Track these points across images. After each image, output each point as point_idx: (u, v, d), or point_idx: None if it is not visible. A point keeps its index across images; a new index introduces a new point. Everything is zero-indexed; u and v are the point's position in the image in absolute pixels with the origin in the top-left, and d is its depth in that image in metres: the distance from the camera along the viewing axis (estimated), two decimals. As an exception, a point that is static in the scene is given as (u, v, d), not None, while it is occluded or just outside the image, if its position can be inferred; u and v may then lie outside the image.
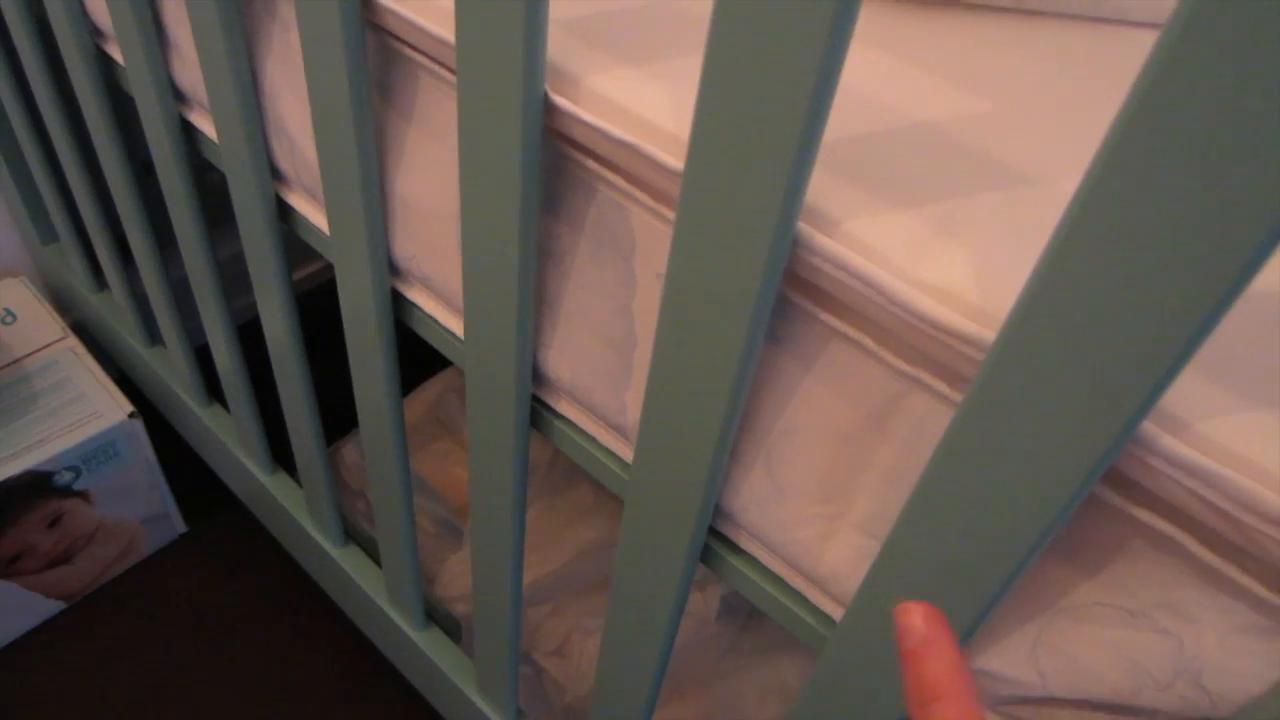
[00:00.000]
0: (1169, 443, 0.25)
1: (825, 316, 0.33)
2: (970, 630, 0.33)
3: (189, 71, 0.59)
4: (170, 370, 0.98)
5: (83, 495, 0.95)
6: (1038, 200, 0.32)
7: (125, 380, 1.13)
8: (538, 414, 0.49)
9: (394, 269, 0.52)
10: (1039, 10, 0.41)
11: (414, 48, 0.42)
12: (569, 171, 0.39)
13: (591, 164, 0.38)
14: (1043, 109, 0.37)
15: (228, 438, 0.93)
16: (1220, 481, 0.25)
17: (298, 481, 0.88)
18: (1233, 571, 0.28)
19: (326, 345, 0.94)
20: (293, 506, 0.88)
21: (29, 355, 0.99)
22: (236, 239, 0.64)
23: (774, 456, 0.38)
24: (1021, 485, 0.28)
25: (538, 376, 0.47)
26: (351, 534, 0.88)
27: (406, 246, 0.49)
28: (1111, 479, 0.29)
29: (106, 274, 0.96)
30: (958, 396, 0.31)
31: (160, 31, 0.59)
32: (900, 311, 0.29)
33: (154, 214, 0.81)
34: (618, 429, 0.45)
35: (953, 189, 0.32)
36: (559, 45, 0.37)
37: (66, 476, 0.92)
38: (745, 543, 0.43)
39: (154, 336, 1.00)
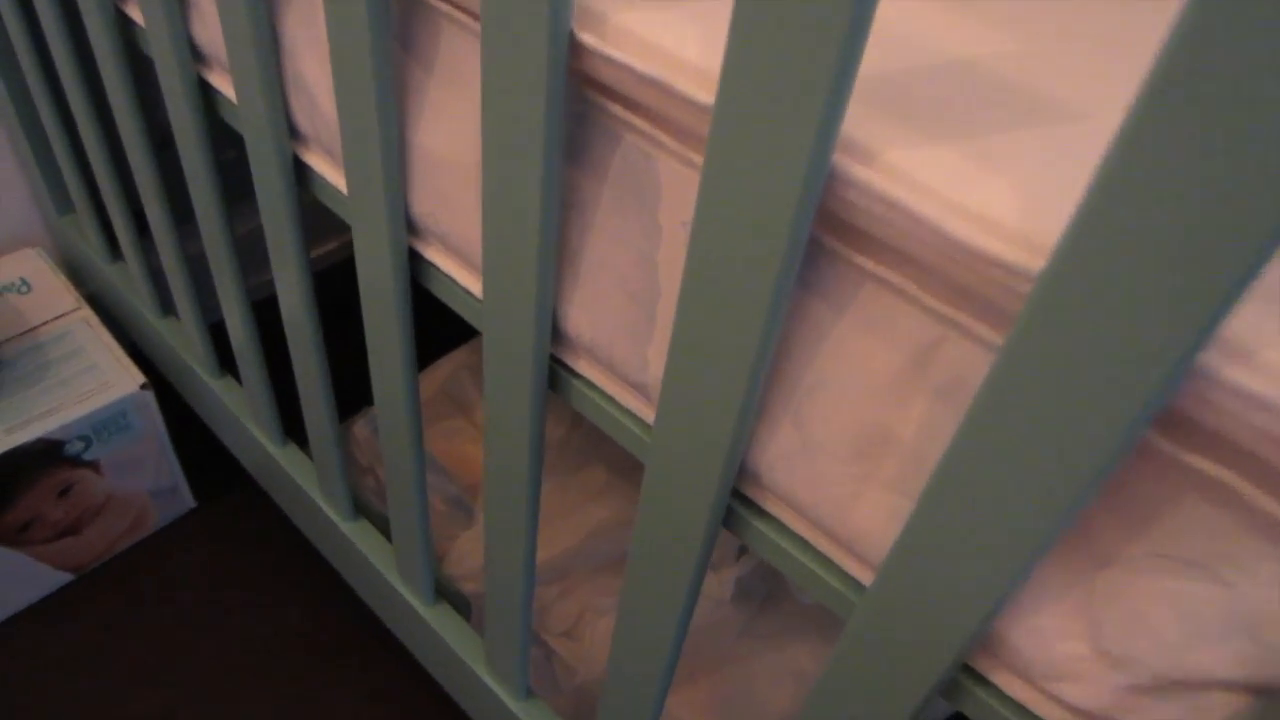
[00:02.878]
0: (1234, 373, 0.24)
1: (860, 259, 0.32)
2: (1010, 587, 0.32)
3: (208, 29, 0.58)
4: (183, 341, 0.97)
5: (93, 466, 0.95)
6: (1082, 134, 0.31)
7: (138, 353, 1.13)
8: (556, 374, 0.48)
9: (412, 227, 0.51)
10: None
11: (437, -9, 0.41)
12: (593, 119, 0.38)
13: (617, 109, 0.37)
14: (1082, 48, 0.36)
15: (239, 409, 0.92)
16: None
17: (309, 454, 0.87)
18: (1289, 521, 0.27)
19: (342, 322, 0.93)
20: (303, 479, 0.87)
21: (42, 325, 0.98)
22: (254, 215, 0.63)
23: (803, 411, 0.37)
24: (1070, 428, 0.27)
25: (557, 334, 0.46)
26: (361, 509, 0.87)
27: (425, 201, 0.48)
28: (1167, 423, 0.28)
29: (122, 246, 0.96)
30: (999, 340, 0.30)
31: None
32: (944, 244, 0.28)
33: (172, 187, 0.81)
34: (638, 387, 0.44)
35: (994, 123, 0.31)
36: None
37: (77, 446, 0.92)
38: (770, 505, 0.42)
39: (168, 307, 0.99)
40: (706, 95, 0.31)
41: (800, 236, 0.31)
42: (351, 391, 0.93)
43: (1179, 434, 0.28)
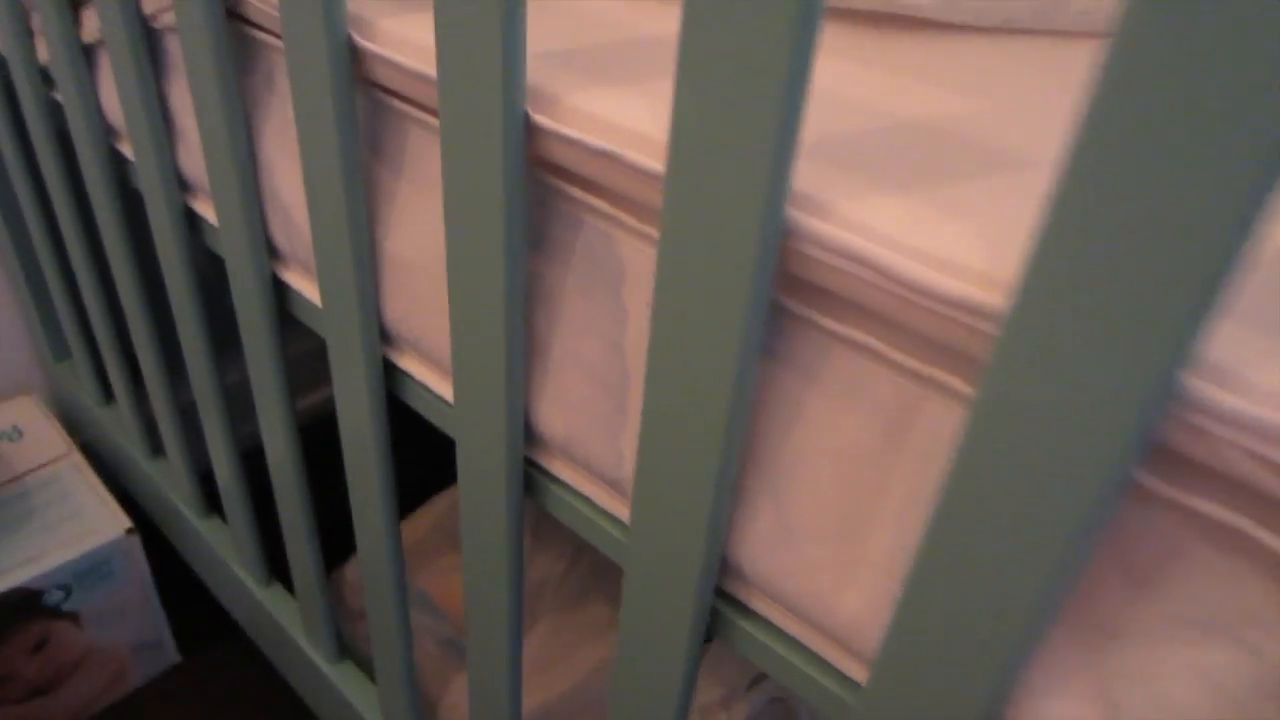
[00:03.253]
0: (1218, 395, 0.22)
1: (826, 322, 0.31)
2: (1019, 660, 0.29)
3: (193, 158, 0.60)
4: (172, 482, 0.95)
5: (72, 617, 0.91)
6: (1036, 180, 0.30)
7: (127, 498, 1.11)
8: (532, 479, 0.46)
9: (386, 336, 0.51)
10: (1024, 28, 0.41)
11: (400, 96, 0.42)
12: (553, 205, 0.38)
13: (576, 191, 0.36)
14: (1031, 105, 0.36)
15: (225, 550, 0.89)
16: (1280, 441, 0.22)
17: (294, 595, 0.84)
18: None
19: (332, 472, 0.92)
20: (288, 621, 0.83)
21: (30, 472, 0.97)
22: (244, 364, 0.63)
23: (781, 489, 0.35)
24: (1055, 471, 0.25)
25: (531, 434, 0.44)
26: (348, 653, 0.83)
27: (398, 306, 0.48)
28: (1164, 465, 0.26)
29: (115, 390, 0.96)
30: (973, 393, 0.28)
31: (168, 124, 0.60)
32: (906, 290, 0.27)
33: (165, 334, 0.82)
34: (615, 484, 0.42)
35: (947, 174, 0.30)
36: (536, 70, 0.37)
37: (57, 595, 0.89)
38: (756, 602, 0.39)
39: (158, 449, 0.98)
40: (658, 163, 0.31)
41: (762, 293, 0.30)
42: (344, 535, 0.91)
43: (1178, 476, 0.26)
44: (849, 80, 0.37)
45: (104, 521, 0.92)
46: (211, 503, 0.92)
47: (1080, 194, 0.22)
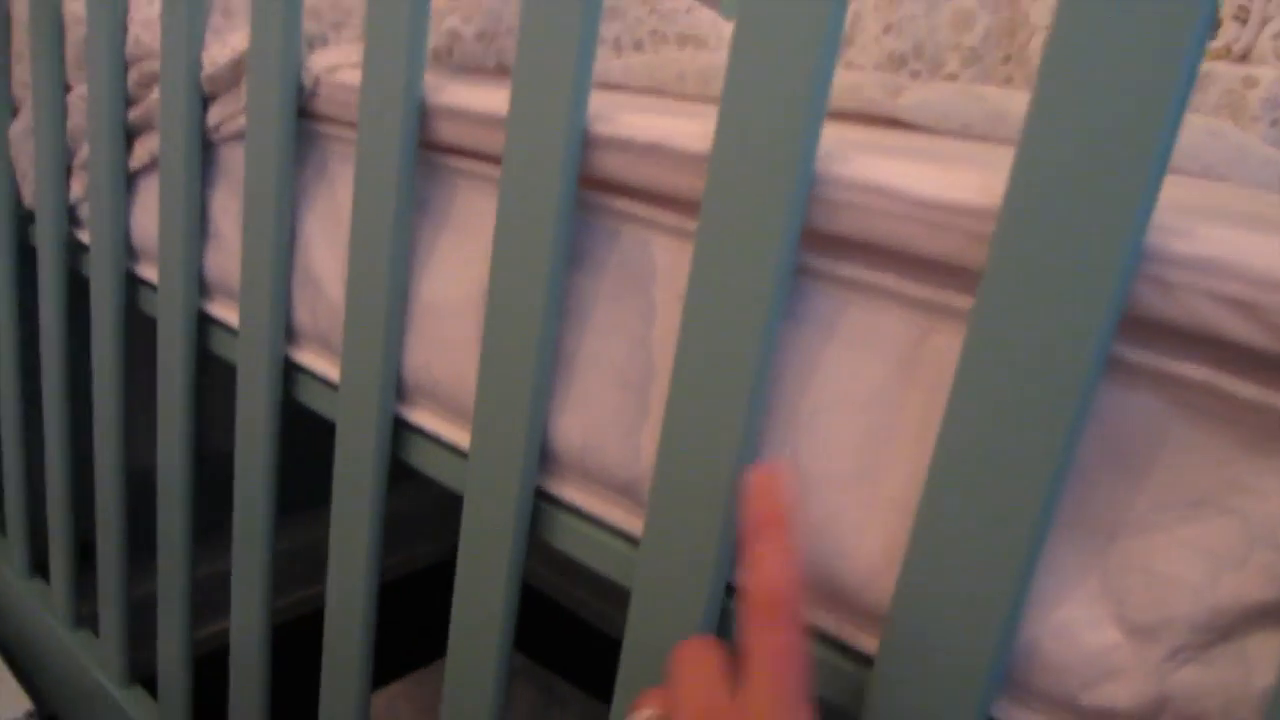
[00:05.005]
0: (1175, 243, 0.28)
1: (843, 269, 0.36)
2: (1031, 561, 0.32)
3: (223, 260, 0.65)
4: (93, 656, 0.89)
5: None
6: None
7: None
8: (541, 511, 0.48)
9: (401, 394, 0.54)
10: (978, 134, 0.50)
11: (457, 151, 0.49)
12: (592, 222, 0.44)
13: (618, 203, 0.43)
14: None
15: (146, 721, 0.82)
16: (1240, 268, 0.27)
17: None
18: (1276, 400, 0.29)
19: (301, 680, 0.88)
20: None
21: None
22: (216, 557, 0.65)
23: (801, 443, 0.38)
24: (1051, 346, 0.30)
25: (545, 453, 0.47)
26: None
27: (421, 353, 0.51)
28: (1136, 336, 0.30)
29: (52, 563, 0.92)
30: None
31: (204, 231, 0.66)
32: (921, 210, 0.32)
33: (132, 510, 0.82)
34: (627, 488, 0.44)
35: (940, 159, 0.37)
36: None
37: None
38: (767, 594, 0.40)
39: (80, 620, 0.92)
40: (703, 145, 0.38)
41: (792, 242, 0.35)
42: None
43: (1151, 343, 0.30)
44: (848, 134, 0.45)
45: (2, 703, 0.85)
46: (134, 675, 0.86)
47: (1049, 114, 0.29)
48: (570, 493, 0.47)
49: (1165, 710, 0.32)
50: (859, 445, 0.37)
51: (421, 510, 1.33)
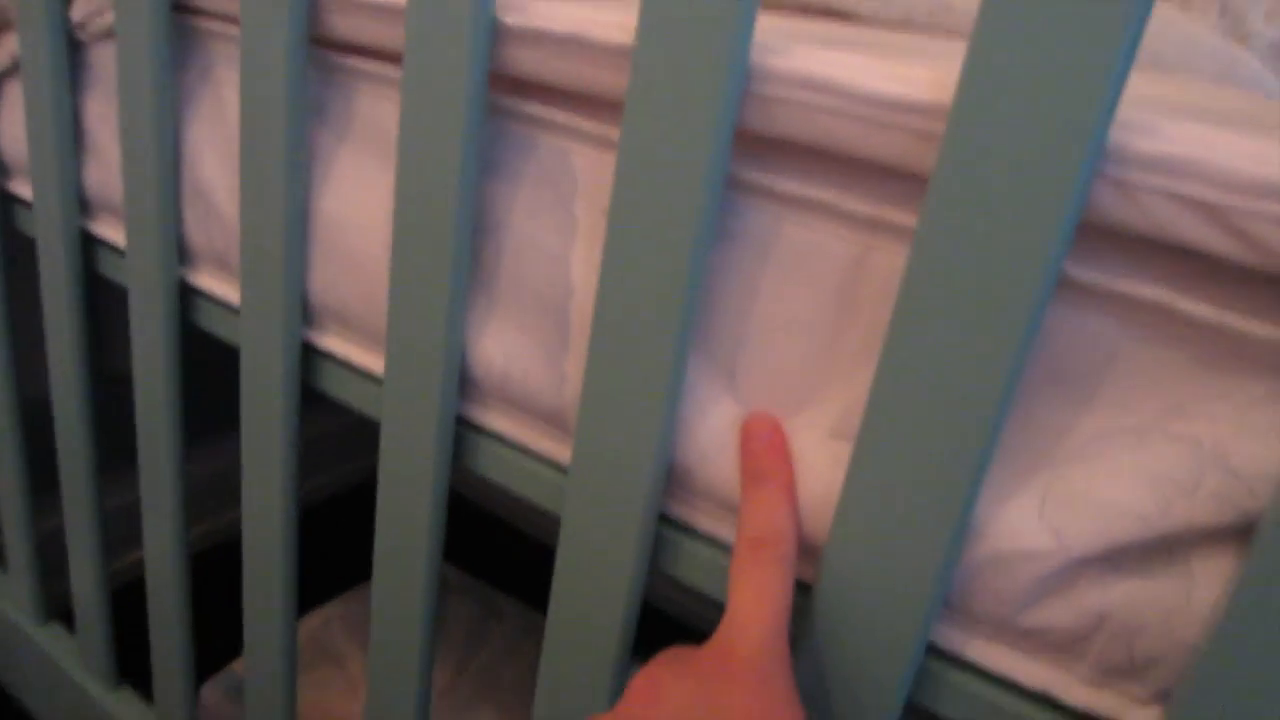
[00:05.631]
0: (1145, 143, 0.26)
1: (780, 184, 0.33)
2: (974, 489, 0.30)
3: (103, 173, 0.59)
4: (3, 592, 0.85)
5: None
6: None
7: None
8: (464, 439, 0.45)
9: (307, 317, 0.50)
10: (921, 25, 0.47)
11: (355, 50, 0.44)
12: (508, 131, 0.40)
13: (534, 108, 0.39)
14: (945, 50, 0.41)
15: (67, 662, 0.79)
16: (1205, 168, 0.25)
17: (148, 701, 0.75)
18: (1231, 319, 0.27)
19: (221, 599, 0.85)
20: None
21: None
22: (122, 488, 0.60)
23: (738, 371, 0.36)
24: (1002, 256, 0.28)
25: (465, 379, 0.44)
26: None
27: (325, 274, 0.47)
28: (1083, 250, 0.28)
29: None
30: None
31: (80, 141, 0.60)
32: (866, 106, 0.30)
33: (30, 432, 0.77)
34: (553, 416, 0.41)
35: (885, 52, 0.34)
36: None
37: None
38: (702, 519, 0.39)
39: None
40: (626, 36, 0.34)
41: (723, 151, 0.32)
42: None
43: (1102, 261, 0.28)
44: (782, 24, 0.42)
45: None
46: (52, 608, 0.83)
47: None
48: (494, 420, 0.44)
49: (1104, 625, 0.31)
50: (797, 372, 0.35)
51: (344, 430, 1.29)
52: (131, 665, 0.77)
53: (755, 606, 0.32)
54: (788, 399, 0.35)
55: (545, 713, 0.44)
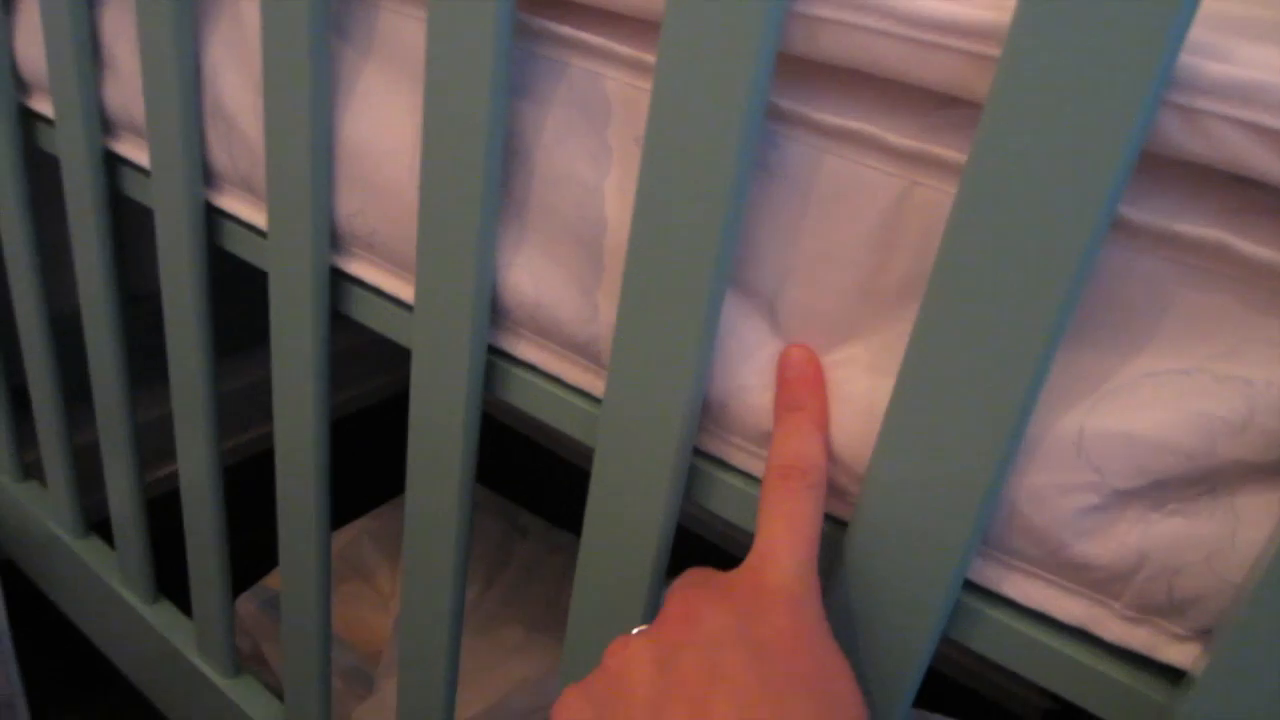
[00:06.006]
0: (1216, 68, 0.24)
1: (821, 117, 0.32)
2: (1018, 431, 0.29)
3: (123, 91, 0.58)
4: (46, 505, 0.87)
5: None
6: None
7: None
8: (495, 369, 0.45)
9: (335, 243, 0.49)
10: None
11: (378, -35, 0.42)
12: (538, 54, 0.38)
13: (565, 30, 0.37)
14: None
15: (107, 571, 0.82)
16: (1275, 91, 0.24)
17: (187, 614, 0.77)
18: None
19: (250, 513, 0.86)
20: (180, 640, 0.76)
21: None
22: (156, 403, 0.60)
23: (777, 306, 0.35)
24: (1057, 189, 0.26)
25: (496, 308, 0.43)
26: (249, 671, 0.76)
27: (352, 200, 0.47)
28: (1143, 197, 0.27)
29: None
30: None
31: (97, 56, 0.58)
32: (913, 29, 0.28)
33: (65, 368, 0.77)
34: (585, 348, 0.41)
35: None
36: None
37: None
38: (736, 455, 0.38)
39: (27, 472, 0.90)
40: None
41: (768, 62, 0.30)
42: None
43: (1156, 201, 0.27)
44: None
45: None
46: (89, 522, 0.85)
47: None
48: (526, 350, 0.44)
49: (1145, 564, 0.31)
50: (836, 308, 0.34)
51: (375, 344, 1.29)
52: (171, 577, 0.79)
53: (786, 537, 0.32)
54: (826, 335, 0.34)
55: (577, 635, 0.45)
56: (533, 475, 1.28)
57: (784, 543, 0.32)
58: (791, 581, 0.31)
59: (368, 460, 1.06)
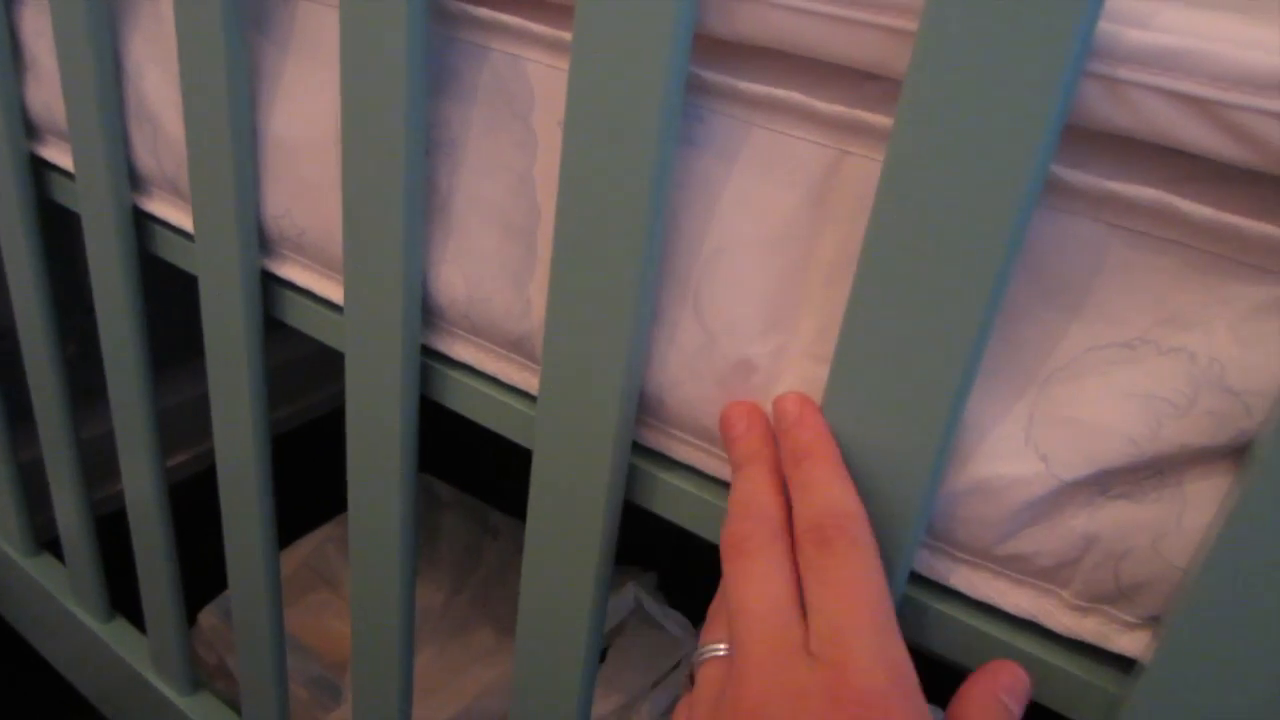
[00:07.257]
0: (1137, 35, 0.23)
1: (747, 88, 0.31)
2: (956, 414, 0.28)
3: (45, 91, 0.56)
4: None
5: None
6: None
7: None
8: (431, 371, 0.43)
9: (264, 245, 0.47)
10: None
11: (292, -46, 0.41)
12: (458, 39, 0.37)
13: (483, 12, 0.36)
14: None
15: (58, 589, 0.79)
16: (1201, 60, 0.23)
17: (141, 630, 0.75)
18: (1231, 220, 0.25)
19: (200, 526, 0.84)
20: (134, 657, 0.74)
21: None
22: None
23: (703, 293, 0.34)
24: (985, 157, 0.25)
25: (429, 308, 0.42)
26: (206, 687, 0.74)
27: (280, 200, 0.45)
28: (1074, 157, 0.26)
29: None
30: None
31: (17, 56, 0.56)
32: (833, 5, 0.27)
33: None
34: (520, 343, 0.39)
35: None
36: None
37: None
38: (677, 448, 0.37)
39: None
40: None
41: (685, 38, 0.29)
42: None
43: (1089, 161, 0.26)
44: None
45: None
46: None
47: None
48: (462, 350, 0.42)
49: (1091, 549, 0.30)
50: (768, 290, 0.33)
51: (323, 353, 1.27)
52: (125, 595, 0.77)
53: (849, 616, 0.26)
54: (757, 320, 0.33)
55: (527, 646, 0.43)
56: (505, 472, 1.26)
57: (847, 621, 0.26)
58: (877, 678, 0.25)
59: (329, 470, 1.04)
